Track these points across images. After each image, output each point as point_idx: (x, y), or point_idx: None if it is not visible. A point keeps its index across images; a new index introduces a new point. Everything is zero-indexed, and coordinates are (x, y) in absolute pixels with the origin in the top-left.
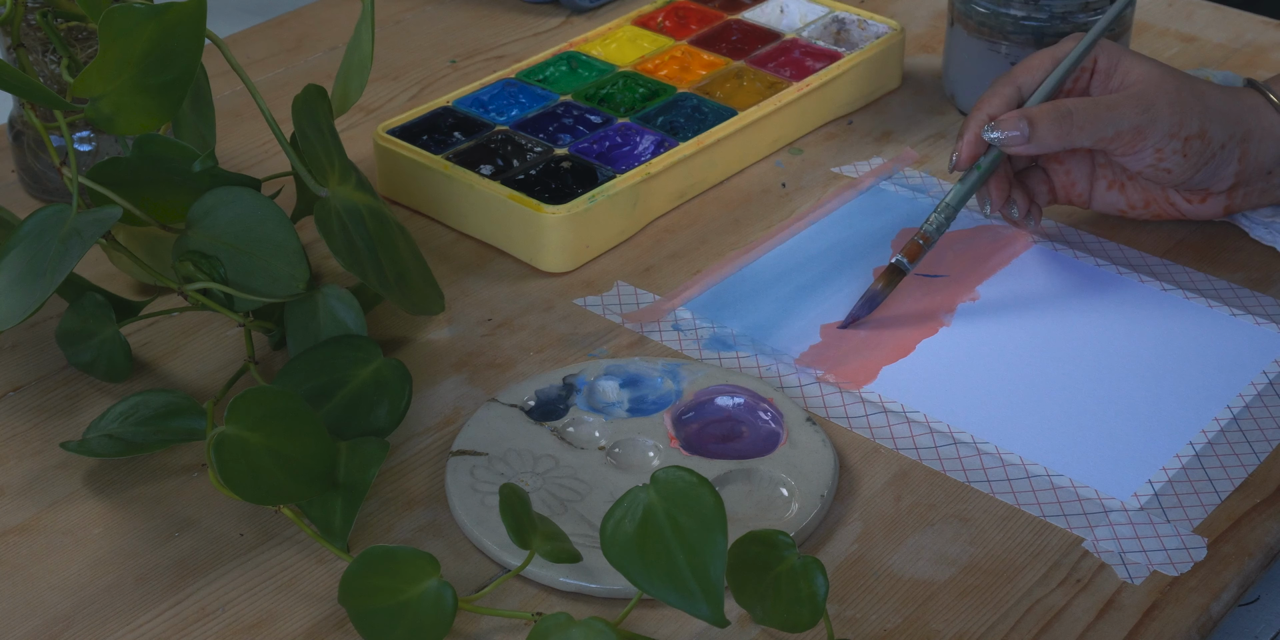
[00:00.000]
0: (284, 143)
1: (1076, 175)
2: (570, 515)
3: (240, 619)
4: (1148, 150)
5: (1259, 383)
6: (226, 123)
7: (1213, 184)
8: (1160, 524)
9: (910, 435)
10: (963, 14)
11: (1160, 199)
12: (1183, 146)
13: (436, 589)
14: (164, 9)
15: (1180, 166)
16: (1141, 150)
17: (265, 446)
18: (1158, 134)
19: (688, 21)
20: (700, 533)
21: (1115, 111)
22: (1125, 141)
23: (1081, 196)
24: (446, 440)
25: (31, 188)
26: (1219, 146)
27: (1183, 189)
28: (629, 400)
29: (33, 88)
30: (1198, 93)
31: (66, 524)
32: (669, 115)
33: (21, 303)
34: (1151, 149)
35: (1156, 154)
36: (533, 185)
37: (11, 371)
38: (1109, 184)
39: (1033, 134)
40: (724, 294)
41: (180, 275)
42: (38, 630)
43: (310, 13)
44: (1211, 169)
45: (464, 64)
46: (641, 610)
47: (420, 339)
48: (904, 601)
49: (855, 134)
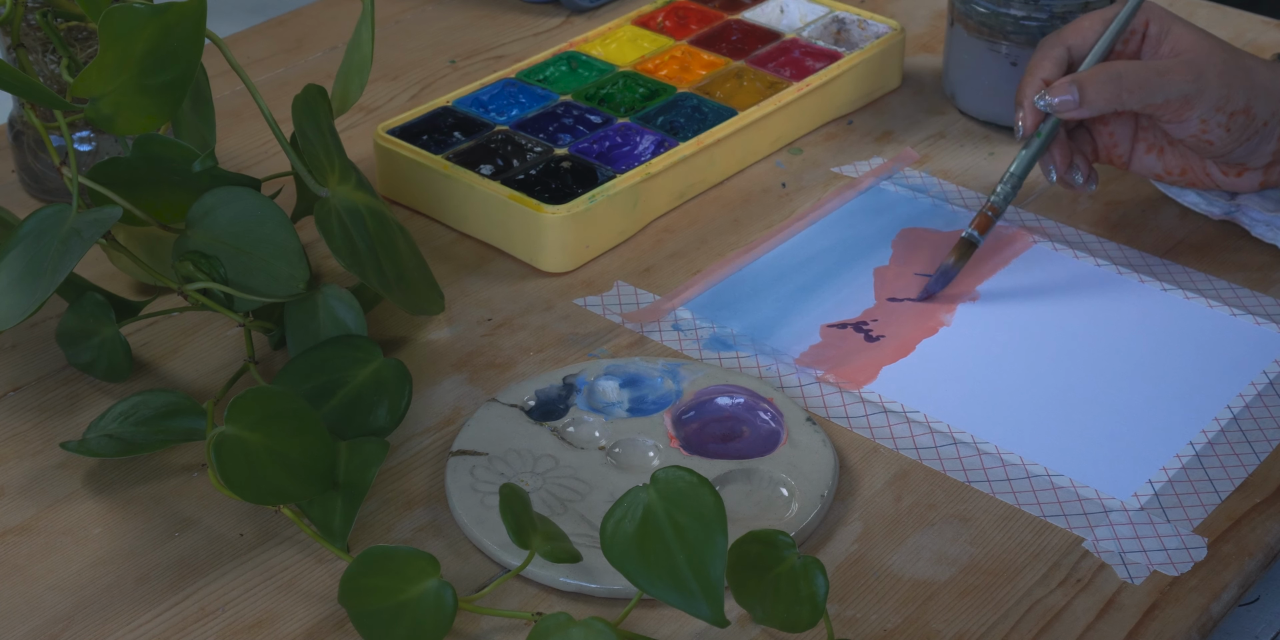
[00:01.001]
0: (284, 143)
1: (1119, 137)
2: (570, 515)
3: (240, 619)
4: (1193, 120)
5: (1259, 383)
6: (226, 123)
7: (1251, 160)
8: (1160, 524)
9: (910, 435)
10: (963, 14)
11: (1197, 168)
12: (1227, 121)
13: (436, 589)
14: (164, 9)
15: (1222, 140)
16: (1187, 120)
17: (265, 446)
18: (1204, 105)
19: (688, 21)
20: (700, 533)
21: (1165, 78)
22: (1173, 109)
23: (1121, 158)
24: (446, 440)
25: (31, 188)
26: (1261, 124)
27: (1220, 161)
28: (629, 400)
29: (33, 88)
30: (1246, 68)
31: (66, 524)
32: (669, 115)
33: (21, 302)
34: (1197, 119)
35: (1201, 124)
36: (533, 185)
37: (11, 371)
38: (1148, 147)
39: (1083, 98)
40: (724, 294)
41: (180, 275)
42: (38, 630)
43: (310, 13)
44: (1253, 145)
45: (464, 64)
46: (641, 610)
47: (420, 339)
48: (904, 601)
49: (855, 134)
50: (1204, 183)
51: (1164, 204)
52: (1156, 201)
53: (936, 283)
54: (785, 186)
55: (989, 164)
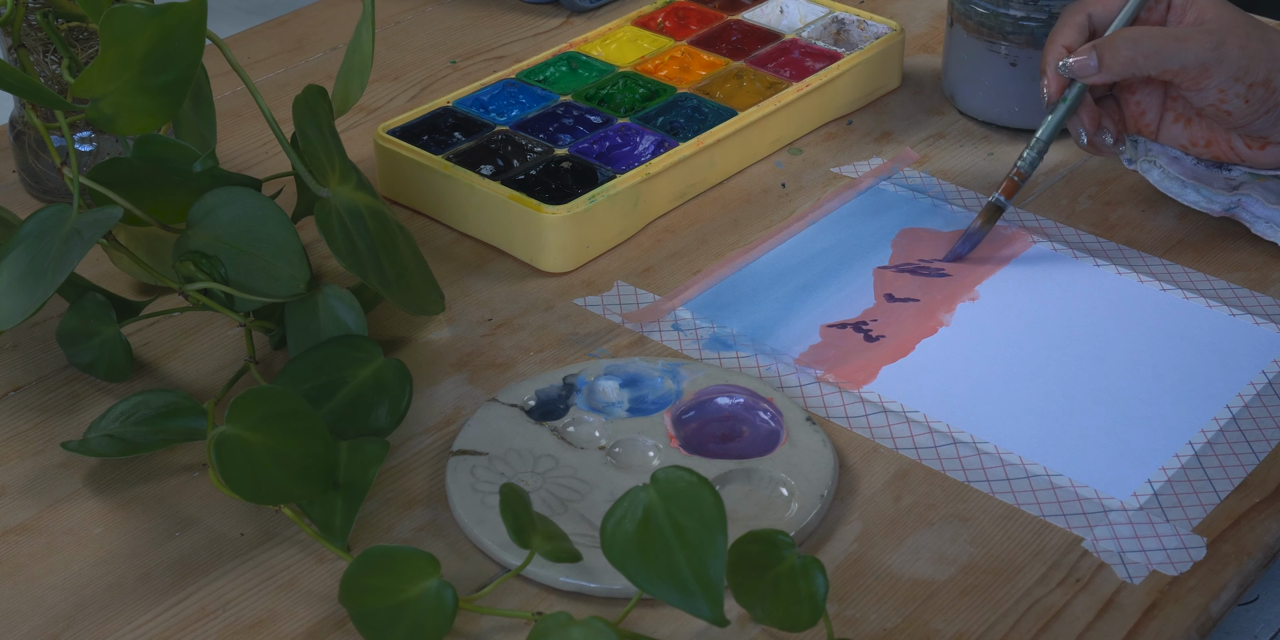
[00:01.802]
0: (284, 143)
1: (1147, 105)
2: (570, 515)
3: (240, 618)
4: (1211, 89)
5: (1258, 382)
6: (227, 123)
7: (1272, 134)
8: (1160, 524)
9: (910, 435)
10: (962, 14)
11: (1222, 140)
12: (1246, 92)
13: (437, 589)
14: (164, 9)
15: (1240, 111)
16: (1205, 88)
17: (266, 446)
18: (1223, 75)
19: (688, 22)
20: (700, 532)
21: (1184, 45)
22: (1191, 76)
23: (1150, 127)
24: (446, 440)
25: (32, 188)
26: None
27: (1243, 133)
28: (629, 400)
29: (34, 88)
30: (1269, 41)
31: (67, 523)
32: (669, 115)
33: (22, 303)
34: (1215, 88)
35: (1219, 94)
36: (533, 185)
37: (12, 371)
38: (1176, 117)
39: (1101, 62)
40: (724, 294)
41: (181, 275)
42: (39, 629)
43: (311, 13)
44: (1273, 118)
45: (464, 64)
46: (641, 610)
47: (420, 339)
48: (904, 601)
49: (855, 134)
50: (1228, 155)
51: (1163, 204)
52: (1156, 201)
53: (963, 245)
54: (785, 187)
55: (988, 164)
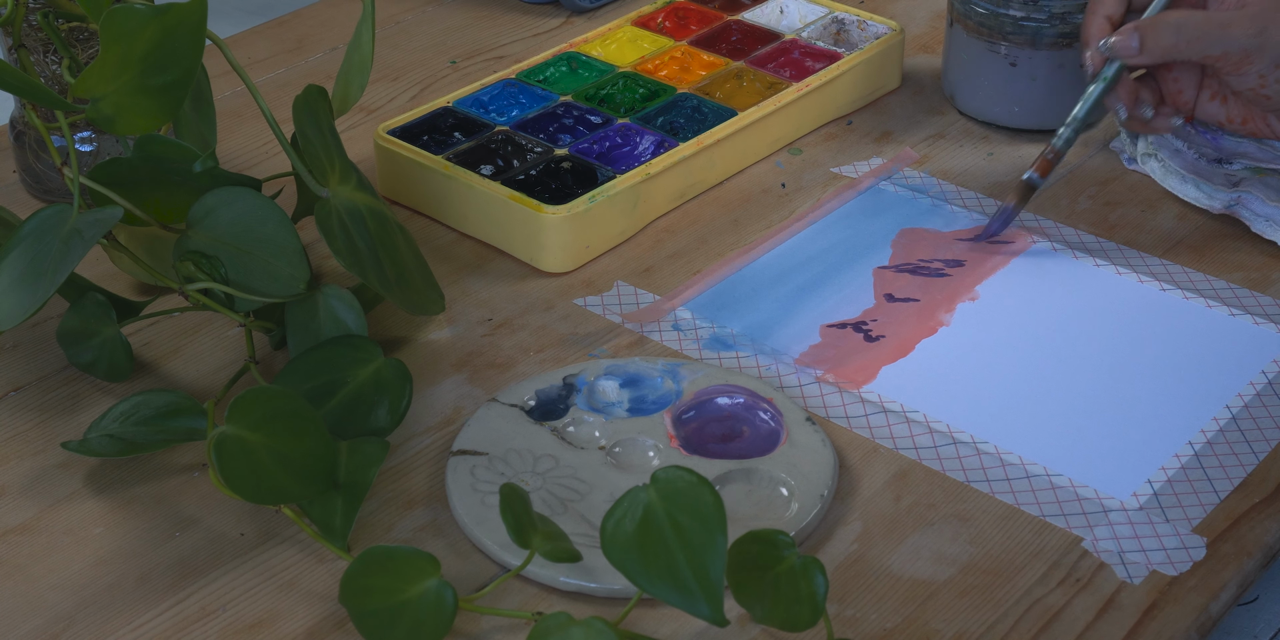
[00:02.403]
0: (284, 143)
1: (1184, 83)
2: (570, 515)
3: (241, 618)
4: (1251, 75)
5: (1258, 383)
6: (227, 123)
7: None
8: (1159, 524)
9: (910, 435)
10: (962, 14)
11: (1258, 118)
12: None
13: (437, 589)
14: (165, 10)
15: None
16: (1246, 73)
17: (266, 446)
18: (1264, 61)
19: (688, 22)
20: (700, 532)
21: (1226, 30)
22: (1232, 62)
23: (1187, 104)
24: (446, 440)
25: (33, 188)
26: None
27: None
28: (629, 400)
29: (34, 88)
30: None
31: (68, 523)
32: (669, 116)
33: (23, 303)
34: (1256, 74)
35: (1260, 79)
36: (533, 185)
37: (12, 371)
38: (1212, 95)
39: (1143, 46)
40: (724, 294)
41: (181, 275)
42: (39, 629)
43: (311, 13)
44: None
45: (464, 64)
46: (641, 610)
47: (420, 339)
48: (904, 601)
49: (855, 134)
50: (1263, 133)
51: (1163, 204)
52: (1156, 201)
53: (996, 223)
54: (785, 187)
55: (988, 164)
